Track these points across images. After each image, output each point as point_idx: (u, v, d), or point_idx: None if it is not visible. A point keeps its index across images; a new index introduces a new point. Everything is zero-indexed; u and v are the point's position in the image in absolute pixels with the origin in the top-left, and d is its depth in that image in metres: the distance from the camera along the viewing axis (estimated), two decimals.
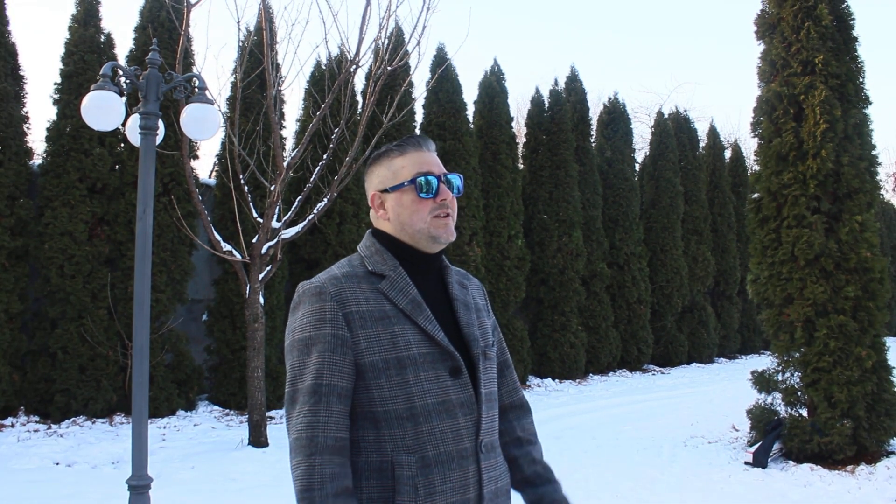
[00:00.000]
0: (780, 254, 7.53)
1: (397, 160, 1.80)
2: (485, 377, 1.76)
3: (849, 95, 7.60)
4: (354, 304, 1.67)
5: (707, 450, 7.94)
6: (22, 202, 9.04)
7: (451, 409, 1.66)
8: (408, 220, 1.76)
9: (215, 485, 6.59)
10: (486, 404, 1.74)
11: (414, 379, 1.64)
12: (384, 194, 1.80)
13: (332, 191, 8.70)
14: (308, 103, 11.42)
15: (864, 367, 7.13)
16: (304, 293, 1.71)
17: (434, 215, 1.75)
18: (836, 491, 6.20)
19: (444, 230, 1.77)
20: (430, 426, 1.64)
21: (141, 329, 4.53)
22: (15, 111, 9.13)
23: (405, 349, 1.65)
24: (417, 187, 1.75)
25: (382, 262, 1.75)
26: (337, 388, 1.62)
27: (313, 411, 1.59)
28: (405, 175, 1.77)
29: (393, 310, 1.69)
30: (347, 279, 1.71)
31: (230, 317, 10.49)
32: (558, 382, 14.10)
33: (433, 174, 1.77)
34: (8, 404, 8.80)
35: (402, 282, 1.72)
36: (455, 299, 1.81)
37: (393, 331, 1.66)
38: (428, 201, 1.75)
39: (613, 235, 16.26)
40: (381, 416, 1.64)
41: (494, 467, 1.75)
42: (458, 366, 1.70)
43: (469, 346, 1.76)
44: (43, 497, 5.97)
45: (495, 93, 14.33)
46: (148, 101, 4.77)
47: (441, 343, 1.68)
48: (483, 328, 1.84)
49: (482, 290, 1.98)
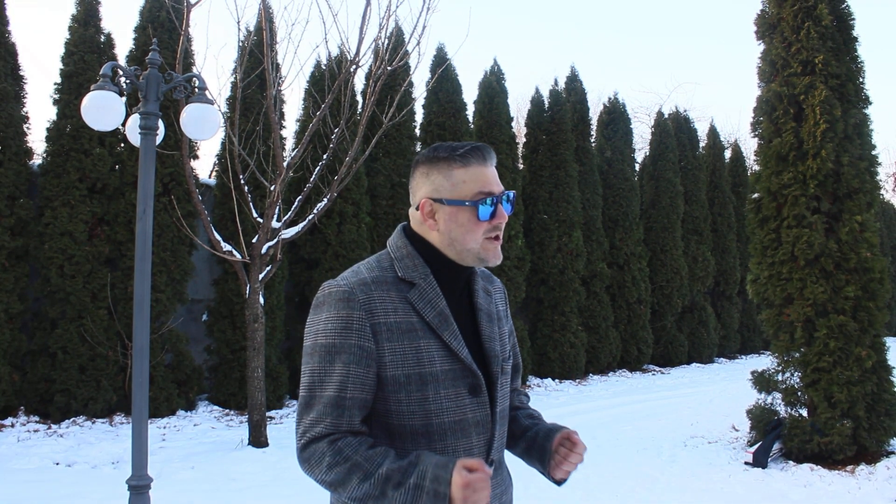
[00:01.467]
0: (780, 254, 7.53)
1: (458, 172, 1.69)
2: (500, 394, 1.76)
3: (849, 95, 7.60)
4: (383, 314, 1.63)
5: (707, 450, 7.94)
6: (22, 202, 9.04)
7: (466, 428, 1.66)
8: (460, 238, 1.69)
9: (215, 485, 6.59)
10: (500, 423, 1.75)
11: (434, 396, 1.63)
12: (437, 204, 1.71)
13: (332, 191, 8.70)
14: (308, 103, 11.43)
15: (864, 367, 7.13)
16: (330, 294, 1.66)
17: (487, 237, 1.70)
18: (836, 491, 6.20)
19: (494, 253, 1.72)
20: (444, 444, 1.64)
21: (141, 329, 4.53)
22: (15, 111, 9.13)
23: (428, 365, 1.63)
24: (480, 211, 1.68)
25: (413, 269, 1.70)
26: (359, 401, 1.60)
27: (336, 424, 1.58)
28: (466, 192, 1.68)
29: (420, 322, 1.65)
30: (377, 286, 1.66)
31: (230, 317, 10.49)
32: (558, 382, 14.09)
33: (494, 194, 1.70)
34: (8, 404, 8.80)
35: (432, 292, 1.68)
36: (479, 310, 1.79)
37: (418, 345, 1.63)
38: (485, 224, 1.70)
39: (613, 235, 16.26)
40: (396, 430, 1.63)
41: (500, 483, 1.78)
42: (479, 384, 1.69)
43: (489, 362, 1.75)
44: (43, 497, 5.97)
45: (495, 93, 14.33)
46: (148, 101, 4.78)
47: (464, 361, 1.67)
48: (503, 339, 1.83)
49: (504, 294, 1.96)
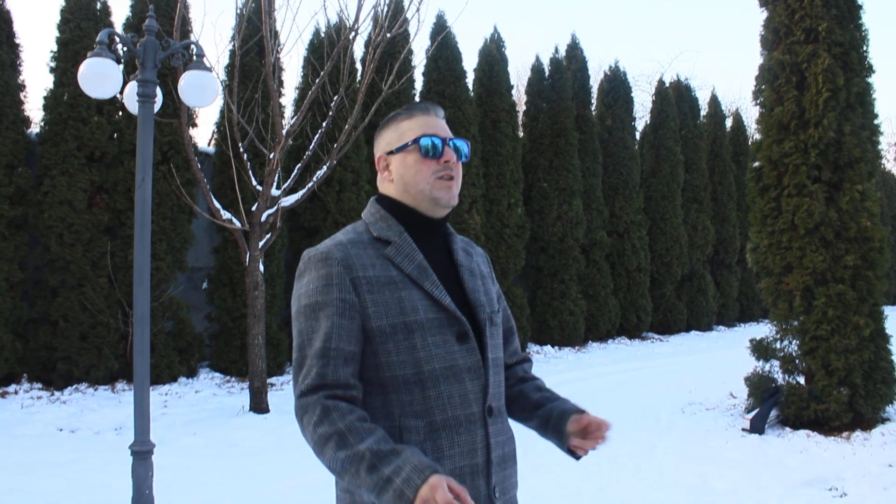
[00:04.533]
0: (780, 223, 7.52)
1: (404, 123, 1.78)
2: (491, 343, 1.75)
3: (852, 64, 7.53)
4: (361, 269, 1.65)
5: (705, 416, 8.01)
6: (20, 171, 9.01)
7: (458, 373, 1.66)
8: (411, 180, 1.74)
9: (218, 450, 6.66)
10: (493, 369, 1.74)
11: (422, 344, 1.63)
12: (389, 156, 1.78)
13: (331, 158, 8.67)
14: (307, 71, 11.34)
15: (862, 335, 7.16)
16: (309, 259, 1.69)
17: (437, 177, 1.73)
18: (832, 457, 6.26)
19: (447, 192, 1.74)
20: (437, 391, 1.63)
21: (141, 297, 4.54)
22: (11, 79, 9.06)
23: (412, 314, 1.64)
24: (422, 148, 1.73)
25: (387, 228, 1.73)
26: (345, 352, 1.61)
27: (321, 374, 1.58)
28: (411, 136, 1.75)
29: (399, 275, 1.67)
30: (353, 245, 1.69)
31: (230, 285, 10.52)
32: (557, 350, 14.18)
33: (439, 136, 1.75)
34: (11, 372, 8.87)
35: (408, 247, 1.71)
36: (460, 265, 1.80)
37: (400, 296, 1.65)
38: (431, 162, 1.73)
39: (613, 204, 16.24)
40: (388, 382, 1.63)
41: (502, 432, 1.76)
42: (466, 331, 1.69)
43: (475, 311, 1.75)
44: (48, 461, 6.04)
45: (495, 61, 14.21)
46: (145, 68, 4.74)
47: (448, 308, 1.68)
48: (489, 294, 1.83)
49: (486, 259, 1.97)
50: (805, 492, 5.33)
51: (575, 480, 5.51)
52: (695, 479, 5.66)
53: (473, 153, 13.06)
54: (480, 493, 1.66)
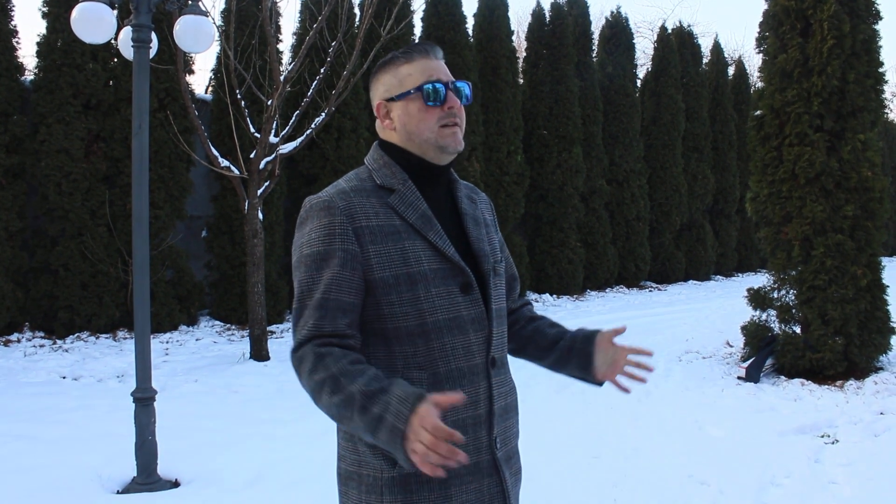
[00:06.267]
0: (781, 172, 7.49)
1: (404, 67, 1.71)
2: (495, 293, 1.75)
3: (858, 10, 7.40)
4: (364, 218, 1.63)
5: (701, 365, 8.10)
6: (15, 119, 8.91)
7: (462, 325, 1.65)
8: (415, 129, 1.69)
9: (219, 397, 6.75)
10: (497, 320, 1.74)
11: (425, 295, 1.62)
12: (390, 103, 1.73)
13: (330, 105, 8.58)
14: (305, 16, 11.16)
15: (859, 285, 7.20)
16: (311, 208, 1.66)
17: (442, 124, 1.69)
18: (825, 404, 6.35)
19: (452, 139, 1.71)
20: (441, 342, 1.63)
21: (140, 246, 4.54)
22: (3, 24, 8.91)
23: (416, 265, 1.63)
24: (425, 95, 1.68)
25: (391, 176, 1.70)
26: (343, 304, 1.59)
27: (318, 325, 1.57)
28: (412, 83, 1.69)
29: (403, 224, 1.65)
30: (356, 193, 1.66)
31: (229, 233, 10.53)
32: (556, 298, 14.27)
33: (441, 81, 1.70)
34: (13, 320, 8.92)
35: (412, 196, 1.68)
36: (465, 214, 1.78)
37: (403, 246, 1.63)
38: (435, 109, 1.69)
39: (613, 152, 16.15)
40: (391, 333, 1.63)
41: (504, 383, 1.76)
42: (469, 281, 1.68)
43: (479, 261, 1.74)
44: (53, 407, 6.12)
45: (495, 5, 13.99)
46: (139, 12, 4.64)
47: (452, 258, 1.66)
48: (492, 244, 1.82)
49: (490, 206, 1.95)
50: (797, 438, 5.42)
51: (573, 428, 5.60)
52: (690, 426, 5.75)
53: (473, 100, 12.94)
54: (482, 444, 1.67)
